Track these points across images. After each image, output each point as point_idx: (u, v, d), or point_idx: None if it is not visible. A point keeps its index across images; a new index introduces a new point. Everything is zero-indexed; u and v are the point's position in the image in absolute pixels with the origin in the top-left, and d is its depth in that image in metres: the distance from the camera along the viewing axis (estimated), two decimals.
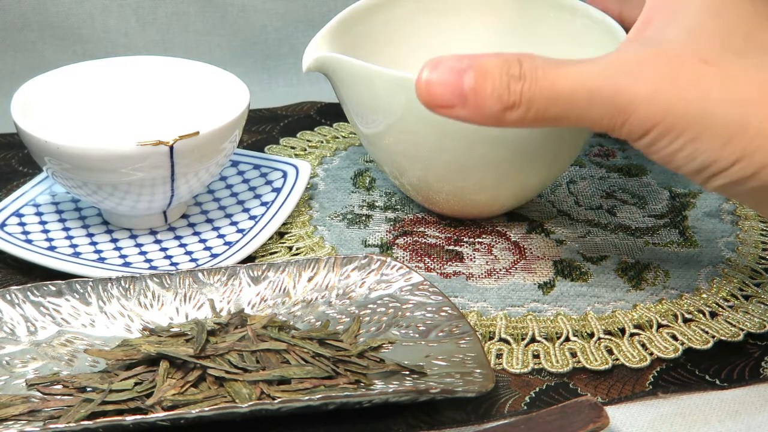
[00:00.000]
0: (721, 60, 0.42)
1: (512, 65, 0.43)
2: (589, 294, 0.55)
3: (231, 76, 0.62)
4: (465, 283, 0.56)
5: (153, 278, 0.53)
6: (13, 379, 0.48)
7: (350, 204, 0.64)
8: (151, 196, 0.57)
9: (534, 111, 0.43)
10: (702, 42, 0.42)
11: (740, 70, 0.42)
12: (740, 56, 0.42)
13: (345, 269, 0.54)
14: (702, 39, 0.42)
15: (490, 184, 0.58)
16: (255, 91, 0.63)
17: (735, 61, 0.42)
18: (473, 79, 0.43)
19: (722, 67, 0.42)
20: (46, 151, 0.55)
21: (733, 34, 0.42)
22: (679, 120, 0.42)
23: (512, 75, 0.43)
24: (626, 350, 0.51)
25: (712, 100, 0.41)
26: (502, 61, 0.43)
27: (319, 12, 0.83)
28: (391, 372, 0.48)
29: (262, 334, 0.48)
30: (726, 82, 0.41)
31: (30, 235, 0.59)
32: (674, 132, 0.42)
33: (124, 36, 0.81)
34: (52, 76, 0.62)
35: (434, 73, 0.44)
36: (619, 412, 0.47)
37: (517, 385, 0.49)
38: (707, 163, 0.42)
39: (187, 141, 0.55)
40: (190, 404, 0.45)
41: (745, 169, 0.42)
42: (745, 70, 0.42)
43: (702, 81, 0.41)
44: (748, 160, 0.41)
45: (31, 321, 0.51)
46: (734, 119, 0.41)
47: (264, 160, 0.66)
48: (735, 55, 0.42)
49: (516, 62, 0.43)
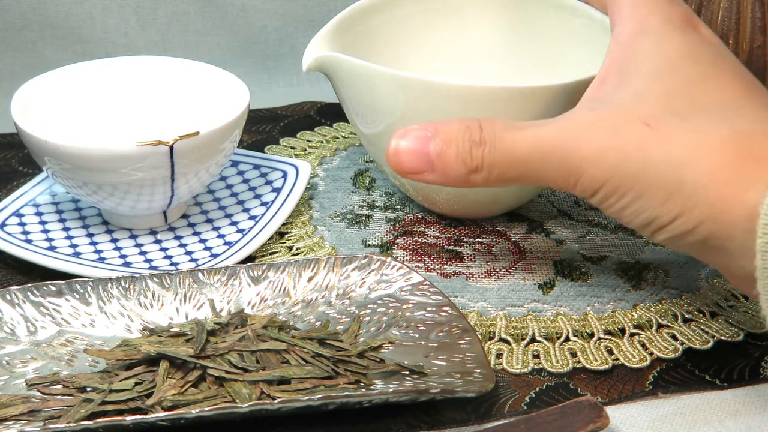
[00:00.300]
0: (661, 123, 0.44)
1: (473, 131, 0.47)
2: (589, 294, 0.55)
3: (231, 76, 0.62)
4: (465, 283, 0.56)
5: (153, 278, 0.53)
6: (13, 379, 0.48)
7: (350, 204, 0.64)
8: (151, 196, 0.57)
9: (496, 173, 0.47)
10: (646, 105, 0.45)
11: (679, 132, 0.44)
12: (682, 118, 0.44)
13: (345, 269, 0.54)
14: (646, 102, 0.45)
15: None
16: (255, 91, 0.63)
17: (675, 123, 0.44)
18: (438, 146, 0.47)
19: (662, 130, 0.44)
20: (46, 151, 0.55)
21: (677, 96, 0.45)
22: (623, 180, 0.44)
23: (474, 141, 0.46)
24: (626, 350, 0.51)
25: (651, 162, 0.44)
26: (464, 127, 0.47)
27: (319, 12, 0.83)
28: (391, 372, 0.48)
29: (262, 334, 0.48)
30: (665, 145, 0.44)
31: (30, 235, 0.59)
32: (619, 191, 0.45)
33: (124, 36, 0.81)
34: (52, 76, 0.62)
35: (403, 142, 0.47)
36: (619, 412, 0.47)
37: (517, 385, 0.49)
38: (650, 219, 0.45)
39: (187, 141, 0.55)
40: (190, 404, 0.45)
41: (685, 225, 0.44)
42: (683, 132, 0.44)
43: (643, 143, 0.44)
44: (687, 216, 0.44)
45: (31, 321, 0.51)
46: (672, 179, 0.43)
47: (264, 160, 0.66)
48: (677, 118, 0.44)
49: (477, 128, 0.47)
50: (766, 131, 0.43)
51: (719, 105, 0.45)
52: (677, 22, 0.47)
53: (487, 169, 0.47)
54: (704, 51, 0.47)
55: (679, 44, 0.46)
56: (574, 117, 0.46)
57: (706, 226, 0.43)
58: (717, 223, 0.43)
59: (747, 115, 0.44)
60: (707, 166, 0.43)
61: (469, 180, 0.47)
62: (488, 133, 0.46)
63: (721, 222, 0.43)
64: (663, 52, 0.46)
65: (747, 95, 0.45)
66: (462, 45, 0.66)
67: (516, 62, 0.65)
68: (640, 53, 0.47)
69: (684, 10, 0.48)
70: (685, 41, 0.47)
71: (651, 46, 0.47)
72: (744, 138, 0.43)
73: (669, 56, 0.46)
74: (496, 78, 0.65)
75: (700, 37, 0.47)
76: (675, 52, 0.46)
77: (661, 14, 0.47)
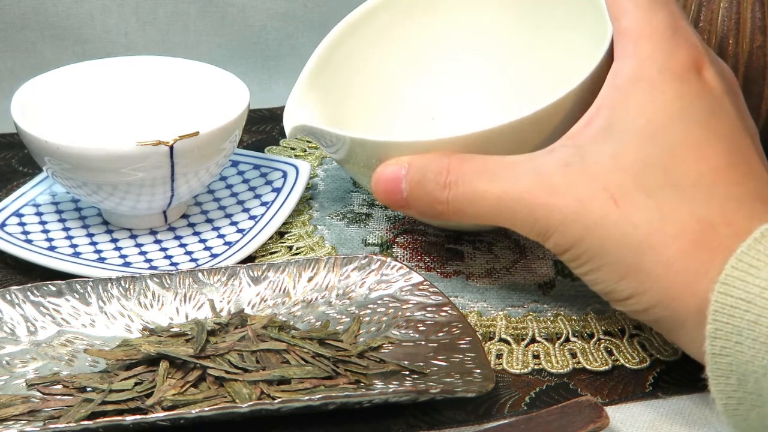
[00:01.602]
0: (627, 198, 0.45)
1: (441, 174, 0.48)
2: (589, 294, 0.55)
3: (231, 76, 0.62)
4: (465, 283, 0.56)
5: (153, 278, 0.53)
6: (13, 379, 0.48)
7: (350, 203, 0.64)
8: (151, 196, 0.57)
9: (463, 216, 0.48)
10: (618, 174, 0.45)
11: (642, 212, 0.44)
12: (648, 195, 0.44)
13: (345, 269, 0.54)
14: (619, 170, 0.45)
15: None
16: (255, 91, 0.63)
17: (641, 201, 0.44)
18: (407, 186, 0.49)
19: (626, 208, 0.44)
20: (46, 151, 0.55)
21: (652, 167, 0.45)
22: (584, 251, 0.45)
23: (439, 184, 0.48)
24: (626, 351, 0.51)
25: (610, 241, 0.44)
26: (434, 167, 0.48)
27: (319, 12, 0.83)
28: (391, 372, 0.48)
29: (262, 334, 0.48)
30: (625, 226, 0.44)
31: (30, 235, 0.59)
32: (580, 260, 0.46)
33: (124, 36, 0.81)
34: (52, 76, 0.62)
35: (381, 178, 0.50)
36: (619, 412, 0.47)
37: (517, 386, 0.49)
38: (607, 291, 0.46)
39: (187, 141, 0.55)
40: (190, 404, 0.45)
41: (637, 305, 0.45)
42: (646, 212, 0.44)
43: (605, 221, 0.45)
44: (639, 298, 0.45)
45: (31, 321, 0.51)
46: (629, 261, 0.44)
47: (264, 160, 0.66)
48: (643, 194, 0.44)
49: (445, 171, 0.48)
50: (728, 216, 0.44)
51: (693, 180, 0.44)
52: (677, 69, 0.46)
53: (453, 212, 0.48)
54: (697, 108, 0.46)
55: (671, 100, 0.45)
56: (546, 175, 0.46)
57: (658, 311, 0.44)
58: (668, 310, 0.44)
59: (718, 192, 0.44)
60: (663, 256, 0.43)
61: (440, 217, 0.49)
62: (455, 176, 0.48)
63: (673, 309, 0.44)
64: (651, 112, 0.45)
65: (727, 168, 0.45)
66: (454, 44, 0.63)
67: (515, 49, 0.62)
68: (630, 107, 0.46)
69: (689, 52, 0.47)
70: (679, 96, 0.46)
71: (642, 100, 0.46)
72: (704, 225, 0.43)
73: (657, 118, 0.45)
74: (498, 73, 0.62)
75: (698, 88, 0.46)
76: (663, 112, 0.45)
77: (661, 58, 0.46)
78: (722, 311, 0.40)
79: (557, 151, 0.47)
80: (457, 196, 0.48)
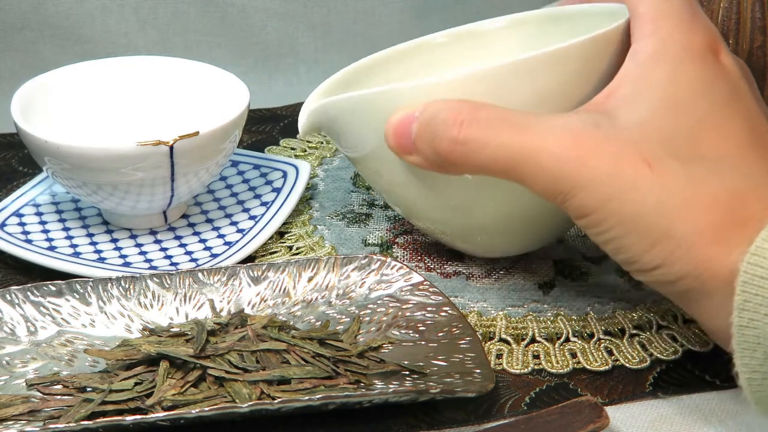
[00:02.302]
0: (661, 164, 0.43)
1: (456, 114, 0.45)
2: (589, 294, 0.55)
3: (231, 76, 0.62)
4: (465, 283, 0.56)
5: (153, 278, 0.53)
6: (13, 379, 0.48)
7: (350, 203, 0.64)
8: (151, 196, 0.57)
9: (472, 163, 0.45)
10: (649, 141, 0.44)
11: (676, 180, 0.43)
12: (681, 164, 0.43)
13: (345, 269, 0.54)
14: (652, 135, 0.44)
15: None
16: (255, 91, 0.63)
17: (674, 168, 0.43)
18: (416, 129, 0.46)
19: (661, 173, 0.43)
20: (46, 151, 0.55)
21: (680, 137, 0.44)
22: (611, 215, 0.43)
23: (449, 123, 0.45)
24: (626, 351, 0.51)
25: (644, 206, 0.43)
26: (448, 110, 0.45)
27: (319, 12, 0.83)
28: (391, 372, 0.48)
29: (262, 334, 0.48)
30: (660, 191, 0.43)
31: (30, 235, 0.59)
32: (606, 224, 0.44)
33: (124, 36, 0.81)
34: (52, 76, 0.62)
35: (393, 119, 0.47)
36: (619, 412, 0.47)
37: (517, 386, 0.49)
38: (631, 260, 0.44)
39: (187, 141, 0.55)
40: (190, 404, 0.45)
41: (665, 276, 0.44)
42: (680, 179, 0.43)
43: (639, 184, 0.43)
44: (668, 268, 0.43)
45: (31, 321, 0.51)
46: (661, 228, 0.43)
47: (264, 160, 0.66)
48: (676, 162, 0.43)
49: (460, 113, 0.45)
50: (758, 190, 0.43)
51: (718, 156, 0.44)
52: (697, 50, 0.46)
53: (462, 156, 0.45)
54: (718, 88, 0.45)
55: (693, 78, 0.45)
56: (574, 132, 0.44)
57: (687, 282, 0.43)
58: (698, 281, 0.43)
59: (744, 168, 0.44)
60: (697, 225, 0.42)
61: (446, 169, 0.47)
62: (471, 117, 0.45)
63: (703, 280, 0.43)
64: (676, 87, 0.45)
65: (749, 146, 0.45)
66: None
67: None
68: (654, 81, 0.45)
69: (706, 35, 0.47)
70: (700, 75, 0.45)
71: (666, 76, 0.45)
72: (735, 198, 0.43)
73: (681, 92, 0.45)
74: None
75: (718, 69, 0.46)
76: (687, 88, 0.45)
77: (681, 38, 0.46)
78: (751, 282, 0.40)
79: (582, 113, 0.45)
80: (470, 136, 0.45)
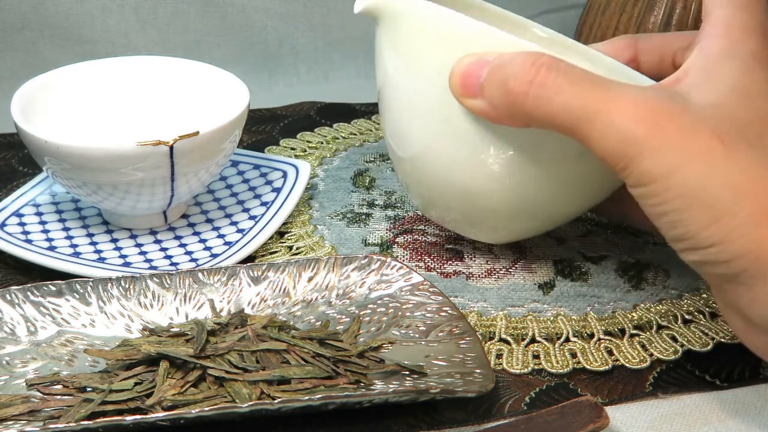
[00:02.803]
0: (733, 143, 0.42)
1: (533, 60, 0.44)
2: (589, 294, 0.55)
3: (231, 76, 0.62)
4: (465, 283, 0.56)
5: (153, 278, 0.53)
6: (13, 379, 0.48)
7: (350, 203, 0.64)
8: (151, 196, 0.57)
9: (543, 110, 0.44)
10: (723, 120, 0.43)
11: (747, 159, 0.42)
12: (752, 147, 0.43)
13: (345, 269, 0.54)
14: (723, 117, 0.43)
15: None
16: (255, 91, 0.63)
17: (746, 149, 0.43)
18: (488, 72, 0.46)
19: (732, 151, 0.42)
20: (46, 151, 0.55)
21: (750, 125, 0.43)
22: (675, 185, 0.42)
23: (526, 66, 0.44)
24: (626, 351, 0.51)
25: (713, 179, 0.42)
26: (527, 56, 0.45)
27: (319, 12, 0.84)
28: (391, 372, 0.48)
29: (262, 334, 0.48)
30: (731, 166, 0.42)
31: (30, 235, 0.59)
32: (667, 194, 0.43)
33: (124, 36, 0.81)
34: (52, 76, 0.62)
35: (464, 61, 0.46)
36: (619, 412, 0.47)
37: (517, 386, 0.49)
38: (686, 236, 0.43)
39: (187, 141, 0.55)
40: (190, 404, 0.45)
41: (721, 255, 0.43)
42: (751, 160, 0.42)
43: (710, 157, 0.42)
44: (726, 246, 0.42)
45: (31, 321, 0.51)
46: (726, 204, 0.42)
47: (264, 160, 0.66)
48: (747, 145, 0.43)
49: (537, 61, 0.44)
50: None
51: None
52: (765, 59, 0.45)
53: (535, 101, 0.44)
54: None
55: (760, 79, 0.45)
56: (650, 99, 0.43)
57: (742, 262, 0.42)
58: (754, 262, 0.42)
59: None
60: (763, 204, 0.42)
61: (511, 116, 0.46)
62: (549, 63, 0.44)
63: (761, 262, 0.42)
64: (744, 81, 0.44)
65: None
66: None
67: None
68: (724, 71, 0.45)
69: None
70: (766, 78, 0.45)
71: (733, 71, 0.45)
72: None
73: (749, 88, 0.44)
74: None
75: None
76: (755, 86, 0.44)
77: (752, 45, 0.45)
78: None
79: (656, 89, 0.45)
80: (549, 80, 0.44)
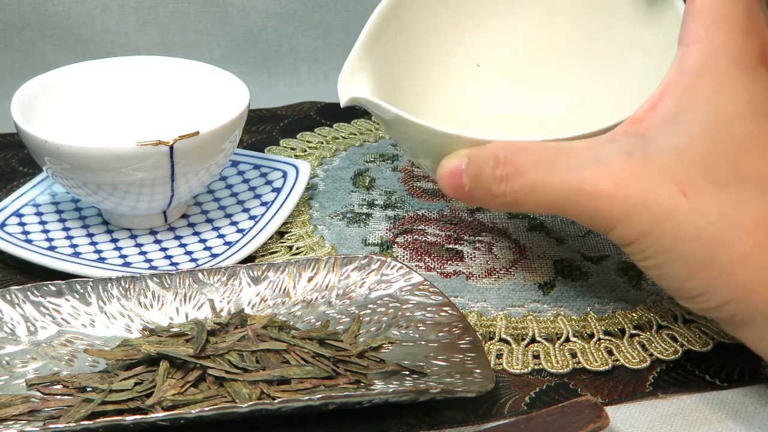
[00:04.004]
0: (698, 191, 0.43)
1: (497, 166, 0.46)
2: (589, 294, 0.55)
3: (231, 76, 0.62)
4: (465, 283, 0.56)
5: (153, 278, 0.53)
6: (13, 379, 0.48)
7: (350, 203, 0.64)
8: (151, 196, 0.57)
9: (522, 207, 0.47)
10: (686, 165, 0.43)
11: (715, 205, 0.42)
12: (719, 187, 0.43)
13: (345, 269, 0.54)
14: (688, 161, 0.43)
15: None
16: (255, 91, 0.63)
17: (712, 194, 0.43)
18: (467, 180, 0.47)
19: (697, 200, 0.42)
20: (46, 151, 0.55)
21: (721, 159, 0.43)
22: (650, 245, 0.43)
23: (495, 177, 0.46)
24: (626, 351, 0.51)
25: (681, 235, 0.42)
26: (491, 160, 0.46)
27: (319, 12, 0.83)
28: (391, 372, 0.48)
29: (262, 334, 0.48)
30: (697, 219, 0.42)
31: (30, 235, 0.59)
32: (646, 253, 0.44)
33: (124, 36, 0.81)
34: (52, 76, 0.62)
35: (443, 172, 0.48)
36: (619, 412, 0.47)
37: (517, 386, 0.49)
38: (674, 287, 0.44)
39: (187, 141, 0.55)
40: (190, 404, 0.45)
41: (708, 303, 0.43)
42: (719, 205, 0.42)
43: (676, 214, 0.42)
44: (710, 296, 0.43)
45: (31, 321, 0.51)
46: (701, 256, 0.42)
47: (264, 160, 0.66)
48: (714, 187, 0.43)
49: (502, 163, 0.46)
50: None
51: (762, 175, 0.43)
52: (748, 62, 0.44)
53: (513, 204, 0.46)
54: (764, 103, 0.44)
55: (740, 94, 0.44)
56: (608, 164, 0.44)
57: (730, 308, 0.43)
58: (741, 307, 0.42)
59: None
60: (738, 251, 0.42)
61: (502, 209, 0.48)
62: (512, 169, 0.46)
63: (746, 306, 0.42)
64: (721, 103, 0.44)
65: None
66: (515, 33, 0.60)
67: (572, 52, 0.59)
68: (698, 97, 0.44)
69: (761, 45, 0.45)
70: (748, 90, 0.44)
71: (710, 91, 0.44)
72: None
73: (725, 111, 0.44)
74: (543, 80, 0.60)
75: (766, 83, 0.45)
76: (733, 104, 0.44)
77: (733, 49, 0.44)
78: None
79: (618, 139, 0.45)
80: (514, 189, 0.46)
